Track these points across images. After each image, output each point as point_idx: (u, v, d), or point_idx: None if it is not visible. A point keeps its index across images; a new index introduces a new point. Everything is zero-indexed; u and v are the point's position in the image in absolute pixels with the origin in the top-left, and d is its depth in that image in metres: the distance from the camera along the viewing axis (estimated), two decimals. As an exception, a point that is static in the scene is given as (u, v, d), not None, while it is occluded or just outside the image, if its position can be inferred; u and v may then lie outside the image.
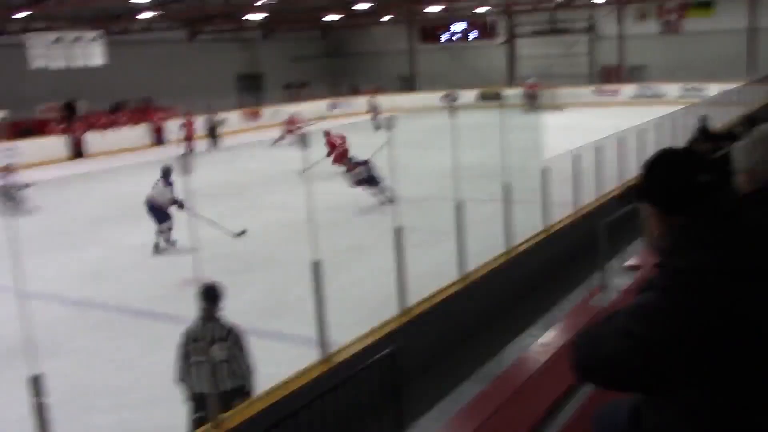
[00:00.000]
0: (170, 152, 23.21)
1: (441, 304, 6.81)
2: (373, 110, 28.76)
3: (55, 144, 24.64)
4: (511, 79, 36.31)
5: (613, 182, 11.44)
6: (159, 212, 11.99)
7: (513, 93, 31.71)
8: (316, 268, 5.38)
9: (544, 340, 5.46)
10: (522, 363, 5.21)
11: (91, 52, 23.37)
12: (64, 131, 25.12)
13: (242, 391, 5.24)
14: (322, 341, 5.50)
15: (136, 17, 25.85)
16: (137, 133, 27.15)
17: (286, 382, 5.24)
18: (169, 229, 12.02)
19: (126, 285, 10.34)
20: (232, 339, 5.20)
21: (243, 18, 29.78)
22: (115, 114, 27.69)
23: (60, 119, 26.15)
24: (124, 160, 23.65)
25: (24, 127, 25.07)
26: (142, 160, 23.45)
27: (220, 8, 25.75)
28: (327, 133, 19.42)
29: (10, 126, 24.66)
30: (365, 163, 14.15)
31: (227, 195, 16.43)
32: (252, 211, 14.84)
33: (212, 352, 5.05)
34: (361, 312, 8.19)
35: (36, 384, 3.92)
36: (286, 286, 9.63)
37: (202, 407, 5.07)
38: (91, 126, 25.87)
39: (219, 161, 21.70)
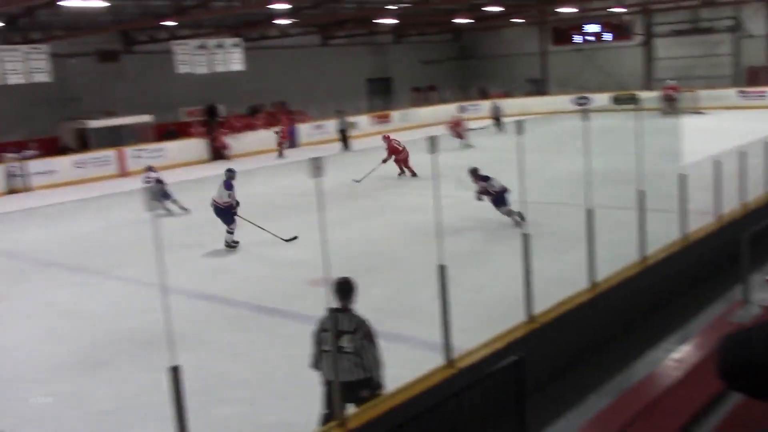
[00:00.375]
0: (302, 154, 23.93)
1: (569, 313, 6.64)
2: (495, 114, 28.49)
3: (196, 146, 25.92)
4: (648, 82, 34.93)
5: (758, 190, 10.78)
6: (224, 214, 12.51)
7: (649, 96, 30.48)
8: (442, 272, 5.37)
9: (678, 356, 5.21)
10: (653, 378, 4.99)
11: (231, 58, 24.45)
12: (204, 134, 26.38)
13: (369, 384, 5.32)
14: (446, 346, 5.48)
15: (273, 23, 26.79)
16: (273, 135, 28.10)
17: (409, 385, 5.26)
18: (230, 231, 12.51)
19: (257, 282, 10.71)
20: (361, 332, 5.30)
21: (374, 22, 30.26)
22: (252, 117, 28.79)
23: (201, 122, 27.49)
24: (259, 162, 24.57)
25: (169, 129, 26.55)
26: (276, 162, 24.30)
27: (353, 13, 26.25)
28: (387, 138, 19.65)
29: (156, 128, 26.19)
30: (486, 179, 12.98)
31: (356, 197, 16.73)
32: (379, 213, 15.03)
33: (340, 343, 5.21)
34: (486, 318, 8.12)
35: (174, 374, 4.12)
36: (411, 289, 9.68)
37: (332, 393, 5.23)
38: (229, 129, 27.03)
39: (349, 163, 22.11)
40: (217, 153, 26.04)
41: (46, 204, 18.92)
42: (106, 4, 18.98)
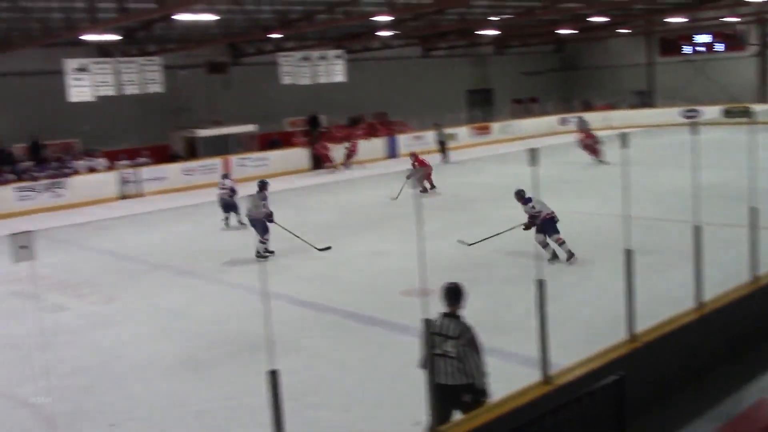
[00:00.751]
0: (401, 165, 24.08)
1: (673, 333, 6.40)
2: (582, 129, 27.96)
3: (298, 155, 26.50)
4: (763, 94, 33.34)
5: None
6: (258, 224, 12.79)
7: (764, 109, 29.09)
8: (540, 287, 5.29)
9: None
10: (764, 405, 4.75)
11: (333, 69, 24.89)
12: (306, 144, 26.93)
13: (471, 389, 5.34)
14: (544, 361, 5.39)
15: (375, 35, 27.12)
16: (373, 146, 28.43)
17: (504, 400, 5.20)
18: (262, 241, 12.69)
19: (354, 291, 10.83)
20: (464, 338, 5.34)
21: (476, 34, 30.15)
22: (352, 127, 29.20)
23: (304, 132, 28.10)
24: (360, 172, 24.88)
25: (272, 139, 27.25)
26: (377, 172, 24.54)
27: (455, 25, 26.24)
28: (414, 155, 19.91)
29: (260, 138, 26.95)
30: (528, 201, 11.54)
31: (455, 208, 16.69)
32: (478, 224, 14.94)
33: (444, 347, 5.32)
34: (586, 334, 7.94)
35: (272, 377, 4.22)
36: (507, 303, 9.57)
37: (437, 395, 5.26)
38: (330, 139, 27.49)
39: (448, 175, 22.10)
40: (318, 162, 26.53)
41: (156, 209, 19.76)
42: (216, 17, 19.70)
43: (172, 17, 18.77)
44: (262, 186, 13.42)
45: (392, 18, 22.15)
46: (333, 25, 22.77)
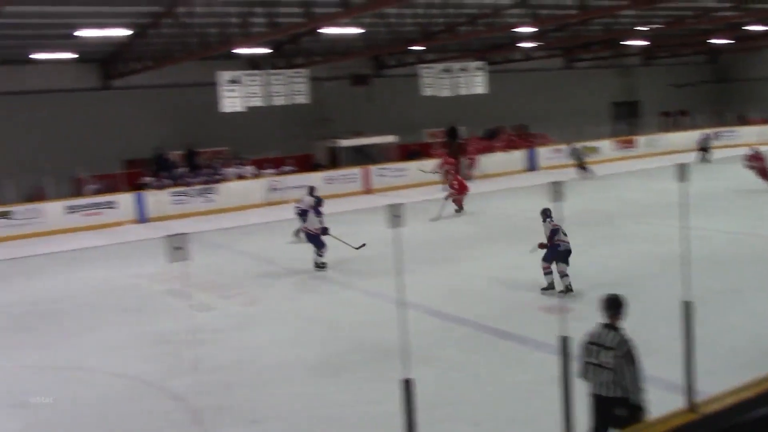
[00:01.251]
0: (541, 178, 23.66)
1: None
2: (704, 145, 26.40)
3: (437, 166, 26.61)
4: None
5: None
6: (314, 240, 13.50)
7: None
8: (687, 309, 5.04)
9: None
10: None
11: (474, 81, 24.87)
12: (445, 155, 27.00)
13: (626, 404, 5.24)
14: (689, 388, 5.13)
15: (517, 46, 26.87)
16: (512, 158, 28.12)
17: (646, 426, 4.99)
18: (320, 254, 13.34)
19: (491, 304, 10.73)
20: (621, 350, 5.26)
21: (622, 44, 29.22)
22: (491, 139, 29.01)
23: (443, 143, 28.20)
24: (498, 184, 24.69)
25: (411, 150, 27.55)
26: (516, 185, 24.24)
27: (600, 35, 25.55)
28: (452, 173, 19.71)
29: (399, 148, 27.31)
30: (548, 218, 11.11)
31: (596, 223, 16.21)
32: (619, 241, 14.45)
33: (601, 358, 5.30)
34: (735, 362, 7.50)
35: (407, 386, 4.26)
36: (651, 324, 9.18)
37: (594, 405, 5.36)
38: (469, 151, 27.44)
39: (590, 189, 21.52)
40: (467, 173, 26.54)
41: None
42: (361, 30, 20.18)
43: (319, 31, 19.40)
44: (317, 202, 14.23)
45: (535, 29, 21.88)
46: (474, 37, 22.76)
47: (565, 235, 10.78)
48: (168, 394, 7.93)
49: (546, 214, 11.14)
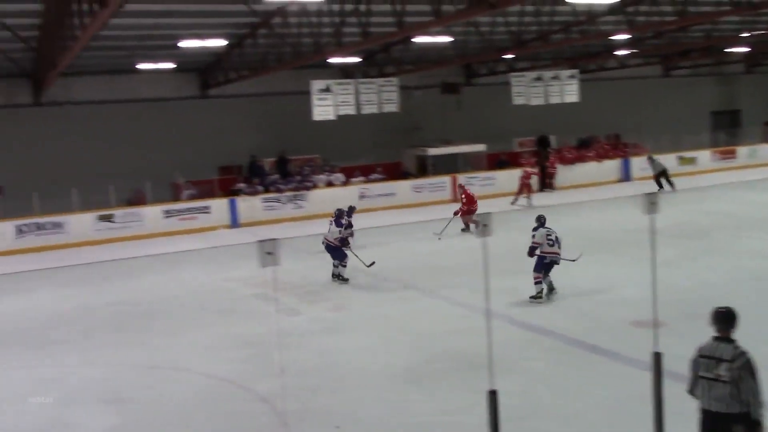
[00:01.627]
0: (636, 189, 23.03)
1: None
2: None
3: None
4: None
5: None
6: (334, 251, 13.57)
7: None
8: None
9: None
10: None
11: (566, 89, 24.46)
12: (534, 164, 26.64)
13: (745, 420, 5.01)
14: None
15: (612, 54, 26.26)
16: (604, 168, 27.48)
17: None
18: (343, 265, 13.42)
19: (579, 317, 10.51)
20: (739, 362, 5.06)
21: (724, 51, 28.14)
22: (583, 149, 28.44)
23: (532, 153, 27.83)
24: (590, 195, 24.16)
25: (500, 158, 27.29)
26: (607, 196, 23.67)
27: (700, 42, 24.70)
28: (462, 187, 18.66)
29: (488, 157, 27.10)
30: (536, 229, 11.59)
31: (692, 236, 15.65)
32: (716, 255, 13.89)
33: (717, 371, 5.10)
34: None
35: (492, 398, 4.23)
36: (752, 343, 8.78)
37: (706, 422, 5.16)
38: (560, 160, 26.98)
39: (687, 201, 20.80)
40: (546, 183, 26.16)
41: (385, 224, 20.51)
42: (452, 39, 20.17)
43: (411, 40, 19.50)
44: (339, 215, 14.34)
45: (631, 36, 21.33)
46: (567, 45, 22.40)
47: (552, 245, 11.22)
48: (255, 396, 8.10)
49: (537, 220, 11.69)
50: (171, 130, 24.16)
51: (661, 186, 24.01)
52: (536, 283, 11.35)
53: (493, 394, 4.20)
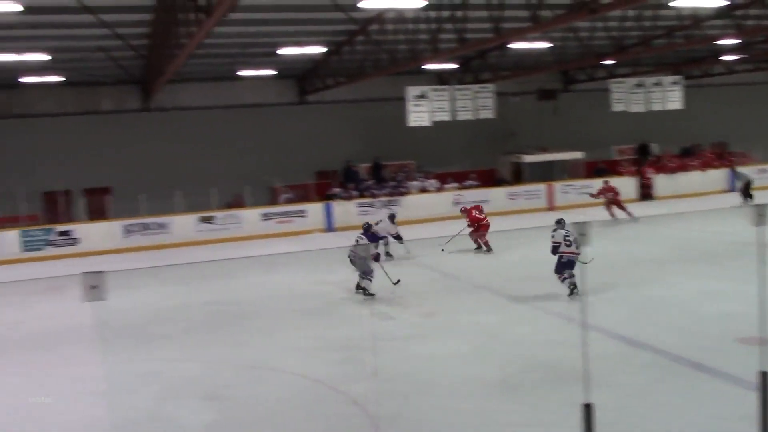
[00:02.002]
0: (737, 199, 22.07)
1: None
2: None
3: (625, 185, 25.54)
4: None
5: None
6: (363, 263, 12.95)
7: None
8: None
9: None
10: None
11: (669, 96, 23.73)
12: (634, 173, 25.93)
13: None
14: None
15: (718, 59, 25.28)
16: (709, 177, 26.46)
17: None
18: (369, 279, 12.84)
19: (679, 332, 10.13)
20: None
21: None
22: (687, 157, 27.47)
23: (632, 161, 27.09)
24: (693, 205, 23.30)
25: (598, 166, 26.69)
26: (711, 206, 22.75)
27: (816, 46, 23.48)
28: (465, 210, 17.79)
29: (586, 165, 26.54)
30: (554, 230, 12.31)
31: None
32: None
33: None
34: None
35: (587, 411, 4.14)
36: None
37: None
38: (661, 169, 26.16)
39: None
40: (643, 193, 25.41)
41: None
42: (550, 45, 19.89)
43: (507, 46, 19.34)
44: (368, 229, 14.23)
45: (739, 41, 20.49)
46: (671, 50, 21.70)
47: (569, 245, 11.79)
48: (347, 399, 8.19)
49: (559, 224, 12.32)
50: (270, 135, 24.81)
51: (749, 197, 22.85)
52: (562, 281, 12.01)
53: (588, 408, 4.11)
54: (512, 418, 7.45)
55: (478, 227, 17.42)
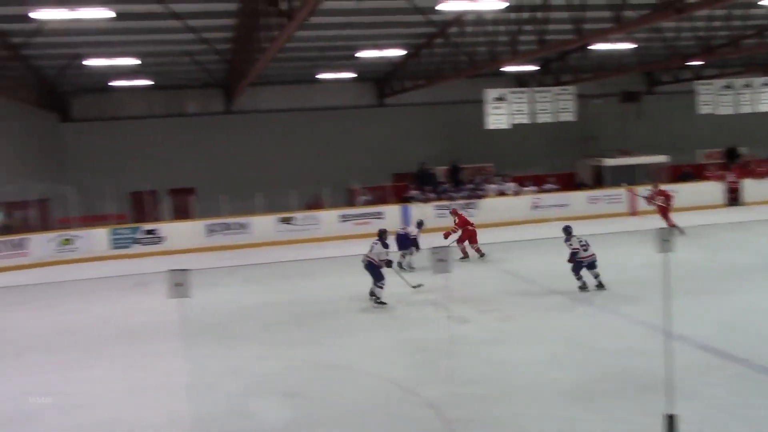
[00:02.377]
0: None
1: None
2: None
3: (712, 190, 24.74)
4: None
5: None
6: (373, 270, 12.99)
7: None
8: None
9: None
10: None
11: (760, 98, 22.86)
12: (722, 178, 25.07)
13: None
14: None
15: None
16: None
17: None
18: (380, 286, 12.87)
19: (765, 341, 9.76)
20: None
21: None
22: (776, 162, 26.42)
23: (719, 165, 26.21)
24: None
25: (684, 171, 25.91)
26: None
27: None
28: (455, 211, 17.18)
29: (671, 169, 25.80)
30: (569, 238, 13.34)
31: None
32: None
33: None
34: None
35: (669, 422, 4.05)
36: None
37: None
38: (749, 174, 25.21)
39: None
40: (731, 198, 24.54)
41: (555, 236, 20.05)
42: (634, 46, 19.44)
43: (588, 47, 19.00)
44: (382, 234, 13.71)
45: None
46: (762, 51, 20.91)
47: (585, 250, 12.96)
48: (423, 402, 8.21)
49: (567, 232, 13.18)
50: (348, 137, 25.08)
51: None
52: (578, 279, 13.07)
53: (671, 419, 4.01)
54: (590, 427, 7.31)
55: (466, 232, 16.93)
